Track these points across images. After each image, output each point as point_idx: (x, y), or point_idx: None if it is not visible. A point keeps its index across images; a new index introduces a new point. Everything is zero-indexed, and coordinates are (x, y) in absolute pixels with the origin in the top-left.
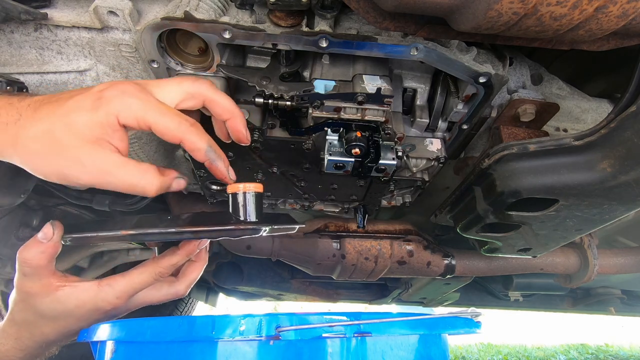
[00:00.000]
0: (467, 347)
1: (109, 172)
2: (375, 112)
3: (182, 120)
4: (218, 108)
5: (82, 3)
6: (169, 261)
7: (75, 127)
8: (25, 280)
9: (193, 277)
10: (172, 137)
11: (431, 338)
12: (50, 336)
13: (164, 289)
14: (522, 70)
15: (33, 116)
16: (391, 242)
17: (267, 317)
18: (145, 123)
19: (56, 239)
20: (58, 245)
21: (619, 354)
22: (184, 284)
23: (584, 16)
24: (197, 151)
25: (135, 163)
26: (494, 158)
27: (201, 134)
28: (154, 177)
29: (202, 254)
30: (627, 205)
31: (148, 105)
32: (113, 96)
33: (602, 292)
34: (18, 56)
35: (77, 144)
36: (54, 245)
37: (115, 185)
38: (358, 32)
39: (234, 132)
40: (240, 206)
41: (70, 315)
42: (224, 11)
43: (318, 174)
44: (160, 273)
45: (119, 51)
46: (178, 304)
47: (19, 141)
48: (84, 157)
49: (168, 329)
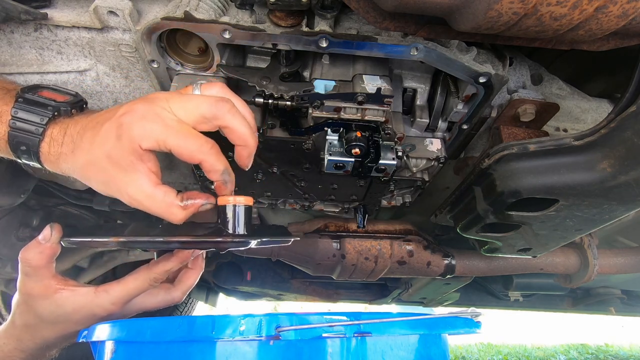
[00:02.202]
0: (467, 347)
1: (141, 203)
2: (375, 112)
3: (203, 143)
4: (232, 135)
5: (82, 3)
6: (163, 267)
7: (110, 157)
8: (27, 280)
9: (189, 284)
10: (191, 159)
11: (431, 338)
12: (50, 339)
13: (160, 295)
14: (522, 70)
15: (81, 146)
16: (391, 242)
17: (267, 317)
18: (166, 146)
19: (54, 240)
20: (56, 247)
21: (619, 354)
22: (179, 291)
23: (584, 16)
24: (214, 172)
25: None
26: (494, 158)
27: (219, 157)
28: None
29: (198, 261)
30: (627, 205)
31: (168, 129)
32: (132, 123)
33: (602, 292)
34: (18, 56)
35: (115, 172)
36: (52, 246)
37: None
38: (358, 32)
39: (238, 158)
40: (230, 219)
41: (68, 320)
42: (224, 11)
43: (318, 174)
44: (154, 279)
45: (119, 51)
46: (178, 304)
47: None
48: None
49: (168, 329)
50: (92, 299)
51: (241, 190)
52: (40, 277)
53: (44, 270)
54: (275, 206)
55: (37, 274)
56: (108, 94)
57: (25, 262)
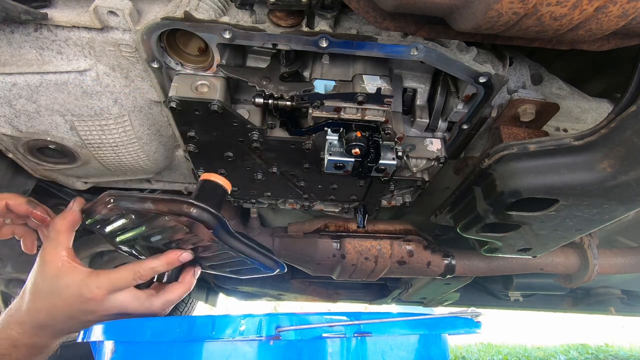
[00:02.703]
0: (467, 347)
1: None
2: (375, 112)
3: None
4: None
5: (82, 3)
6: (149, 264)
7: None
8: (46, 244)
9: (171, 297)
10: None
11: (431, 338)
12: (41, 315)
13: (141, 299)
14: (522, 70)
15: None
16: (391, 242)
17: (267, 317)
18: None
19: (75, 208)
20: (77, 215)
21: (619, 354)
22: (160, 300)
23: (584, 16)
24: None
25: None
26: (494, 158)
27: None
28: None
29: (188, 277)
30: (627, 205)
31: None
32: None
33: (602, 292)
34: (18, 56)
35: None
36: (74, 213)
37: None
38: (358, 32)
39: None
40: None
41: (59, 294)
42: (224, 11)
43: (318, 174)
44: (139, 273)
45: (119, 51)
46: (178, 304)
47: None
48: None
49: (168, 329)
50: (84, 278)
51: (241, 190)
52: (57, 242)
53: (62, 238)
54: (275, 206)
55: (57, 238)
56: (108, 94)
57: (51, 226)
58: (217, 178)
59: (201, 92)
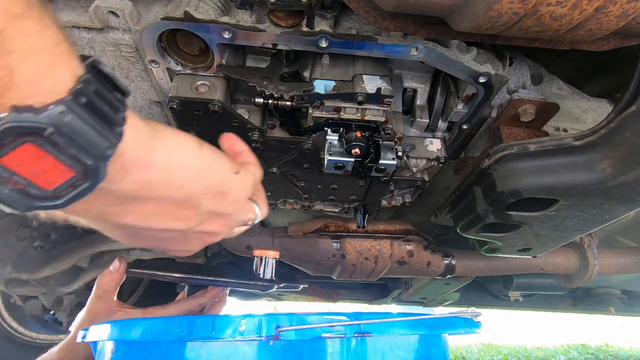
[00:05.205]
0: (467, 347)
1: None
2: (375, 112)
3: None
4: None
5: (82, 3)
6: (199, 301)
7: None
8: (96, 301)
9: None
10: None
11: (431, 338)
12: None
13: None
14: (522, 70)
15: None
16: (391, 242)
17: (267, 317)
18: None
19: (122, 270)
20: (123, 275)
21: (619, 354)
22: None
23: (584, 16)
24: None
25: None
26: (494, 158)
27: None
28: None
29: (224, 297)
30: (627, 205)
31: None
32: None
33: (602, 292)
34: None
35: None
36: (120, 274)
37: None
38: (358, 32)
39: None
40: (261, 267)
41: None
42: (224, 11)
43: (318, 174)
44: (191, 310)
45: (119, 51)
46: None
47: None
48: None
49: (168, 329)
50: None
51: None
52: (106, 299)
53: (110, 294)
54: (275, 206)
55: (106, 296)
56: None
57: (100, 286)
58: (275, 255)
59: (201, 92)
